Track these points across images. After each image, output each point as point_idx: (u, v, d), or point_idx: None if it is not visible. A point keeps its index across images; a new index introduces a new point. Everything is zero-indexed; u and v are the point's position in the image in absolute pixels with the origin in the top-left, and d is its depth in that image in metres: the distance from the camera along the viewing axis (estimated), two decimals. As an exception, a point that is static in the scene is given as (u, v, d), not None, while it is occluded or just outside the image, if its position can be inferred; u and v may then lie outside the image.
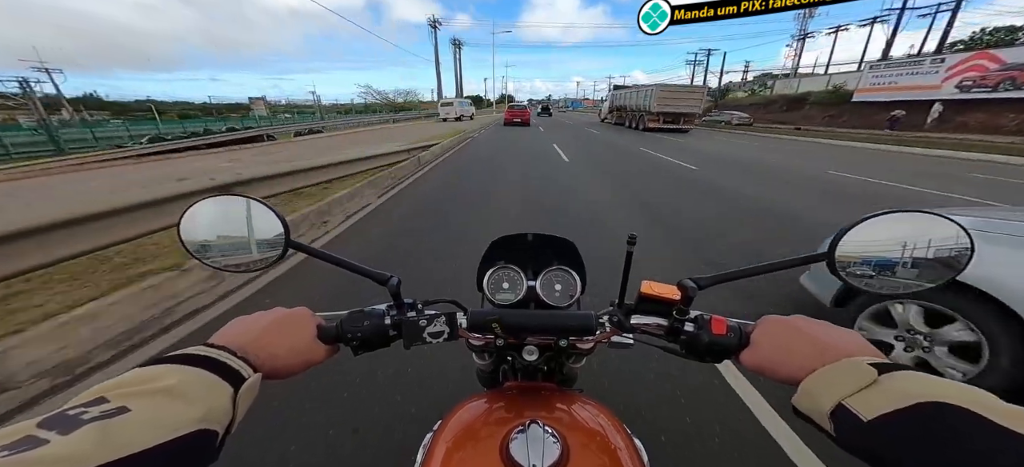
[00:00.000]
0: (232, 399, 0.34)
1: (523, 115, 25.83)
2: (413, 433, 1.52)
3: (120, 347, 2.12)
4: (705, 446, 1.52)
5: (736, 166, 9.41)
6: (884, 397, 0.30)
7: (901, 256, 0.44)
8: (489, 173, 7.81)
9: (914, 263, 0.44)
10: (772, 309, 2.33)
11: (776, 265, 0.49)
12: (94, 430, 0.25)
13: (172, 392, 0.30)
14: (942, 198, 6.33)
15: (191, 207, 0.50)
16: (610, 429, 0.58)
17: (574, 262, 0.75)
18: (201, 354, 0.36)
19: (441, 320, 0.55)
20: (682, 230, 4.37)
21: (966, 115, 22.00)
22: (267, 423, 1.57)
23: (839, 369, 0.35)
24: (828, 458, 1.44)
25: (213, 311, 2.56)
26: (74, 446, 0.24)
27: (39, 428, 0.24)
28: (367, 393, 1.75)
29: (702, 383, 1.84)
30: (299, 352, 0.47)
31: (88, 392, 0.29)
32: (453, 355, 1.93)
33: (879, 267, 0.46)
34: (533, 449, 0.48)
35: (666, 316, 0.54)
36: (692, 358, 0.53)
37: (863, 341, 0.39)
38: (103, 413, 0.26)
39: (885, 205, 3.24)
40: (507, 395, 0.68)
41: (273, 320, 0.46)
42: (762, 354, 0.45)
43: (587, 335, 0.57)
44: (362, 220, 4.73)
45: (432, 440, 0.60)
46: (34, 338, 1.91)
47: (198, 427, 0.30)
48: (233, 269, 0.54)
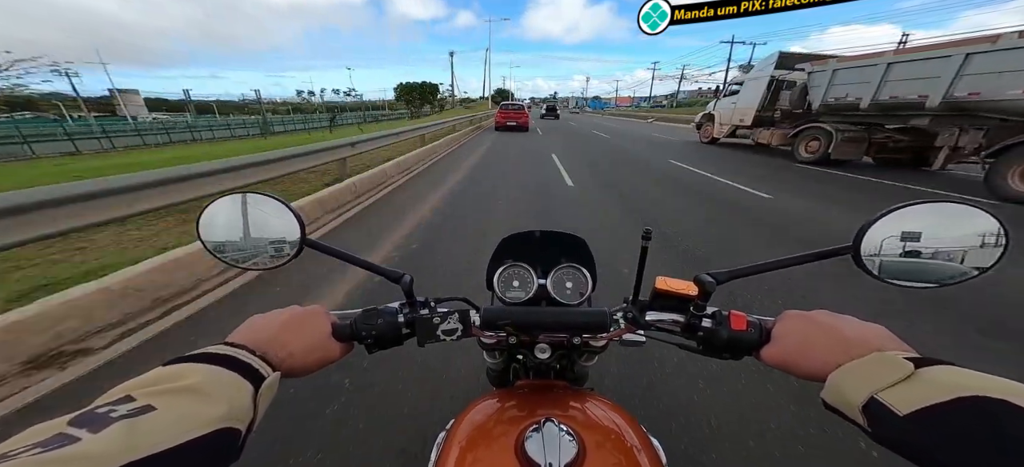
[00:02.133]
0: (253, 397, 0.35)
1: (520, 117, 19.28)
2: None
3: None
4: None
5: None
6: (922, 391, 0.30)
7: (929, 248, 0.42)
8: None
9: (943, 256, 0.42)
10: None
11: (798, 259, 0.48)
12: (122, 428, 0.25)
13: (196, 391, 0.30)
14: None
15: (209, 205, 0.51)
16: (625, 427, 0.57)
17: (584, 259, 0.75)
18: (222, 353, 0.36)
19: (454, 318, 0.54)
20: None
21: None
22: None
23: (871, 363, 0.34)
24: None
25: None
26: (104, 444, 0.24)
27: (70, 426, 0.25)
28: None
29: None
30: (315, 350, 0.47)
31: (114, 390, 0.30)
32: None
33: (906, 260, 0.44)
34: (549, 447, 0.47)
35: (682, 312, 0.54)
36: (710, 355, 0.52)
37: (891, 335, 0.38)
38: (130, 411, 0.27)
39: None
40: (520, 394, 0.68)
41: (289, 318, 0.46)
42: (784, 349, 0.44)
43: (600, 332, 0.56)
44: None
45: (446, 439, 0.60)
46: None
47: (221, 426, 0.30)
48: (251, 267, 0.54)
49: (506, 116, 19.34)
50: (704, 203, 5.47)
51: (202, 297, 2.67)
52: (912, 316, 2.45)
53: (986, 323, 2.36)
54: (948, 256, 0.42)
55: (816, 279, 2.90)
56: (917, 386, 0.30)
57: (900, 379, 0.31)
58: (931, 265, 0.43)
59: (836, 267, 2.61)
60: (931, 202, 0.42)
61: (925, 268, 0.43)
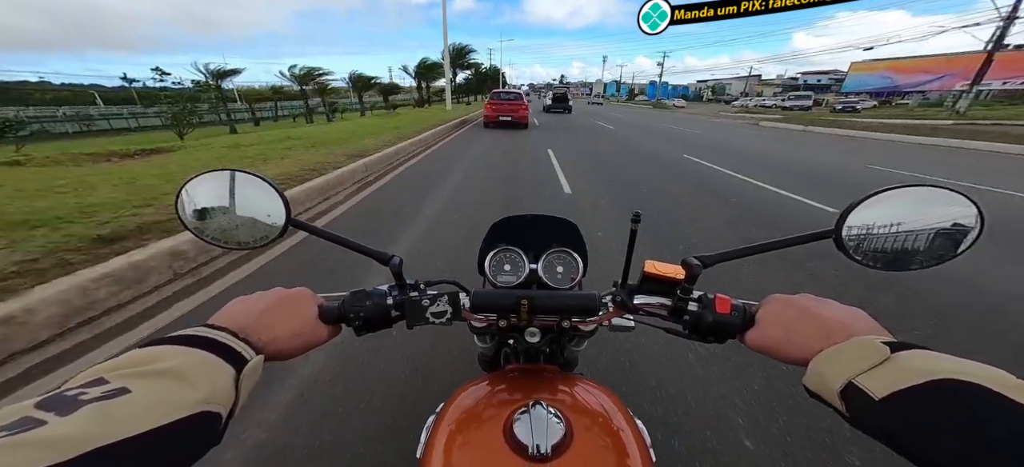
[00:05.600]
0: (235, 381, 0.34)
1: (516, 110, 14.04)
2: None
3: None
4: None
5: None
6: (896, 375, 0.30)
7: (909, 231, 0.44)
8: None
9: (922, 239, 0.43)
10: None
11: (782, 242, 0.48)
12: (94, 411, 0.24)
13: (174, 374, 0.30)
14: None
15: (189, 181, 0.50)
16: (613, 411, 0.58)
17: (576, 244, 0.75)
18: (202, 335, 0.35)
19: (444, 300, 0.54)
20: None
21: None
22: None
23: (849, 348, 0.34)
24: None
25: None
26: (73, 426, 0.23)
27: (37, 409, 0.24)
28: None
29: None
30: (301, 333, 0.46)
31: (86, 373, 0.29)
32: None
33: (887, 243, 0.45)
34: (537, 429, 0.47)
35: (670, 295, 0.54)
36: (695, 338, 0.52)
37: (872, 320, 0.39)
38: (103, 394, 0.26)
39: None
40: (509, 377, 0.68)
41: (274, 301, 0.46)
42: (767, 334, 0.44)
43: (590, 316, 0.56)
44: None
45: (434, 422, 0.60)
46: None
47: (200, 409, 0.30)
48: (234, 247, 0.53)
49: (498, 109, 14.14)
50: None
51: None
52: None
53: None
54: (926, 239, 0.43)
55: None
56: (892, 370, 0.31)
57: (876, 363, 0.31)
58: (910, 248, 0.44)
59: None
60: (910, 187, 0.43)
61: (904, 251, 0.44)
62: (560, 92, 25.79)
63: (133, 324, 2.10)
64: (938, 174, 7.21)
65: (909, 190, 0.43)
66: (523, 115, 14.10)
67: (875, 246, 0.45)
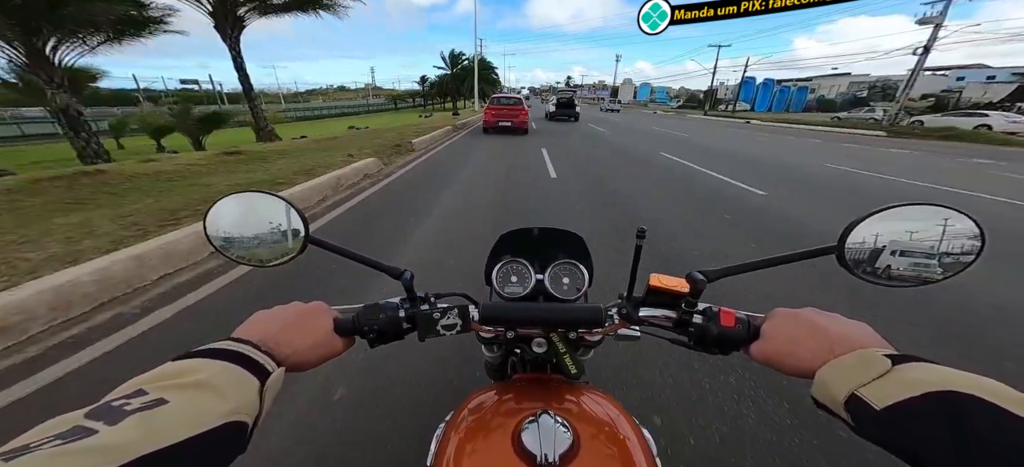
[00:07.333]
0: (259, 392, 0.35)
1: (515, 115, 14.02)
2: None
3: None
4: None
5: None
6: (896, 387, 0.31)
7: (911, 249, 0.44)
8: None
9: (924, 256, 0.44)
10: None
11: (785, 258, 0.49)
12: (138, 421, 0.26)
13: (205, 385, 0.31)
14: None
15: (216, 203, 0.52)
16: (619, 420, 0.59)
17: (581, 255, 0.76)
18: (229, 349, 0.37)
19: (454, 313, 0.55)
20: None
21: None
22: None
23: (852, 360, 0.35)
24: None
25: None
26: (121, 435, 0.25)
27: (87, 419, 0.26)
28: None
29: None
30: (318, 345, 0.48)
31: (126, 385, 0.30)
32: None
33: (889, 260, 0.45)
34: (545, 439, 0.48)
35: (674, 308, 0.55)
36: (700, 350, 0.53)
37: (874, 333, 0.40)
38: (144, 405, 0.28)
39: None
40: (517, 387, 0.69)
41: (292, 314, 0.47)
42: (772, 346, 0.45)
43: (596, 327, 0.58)
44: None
45: (444, 431, 0.61)
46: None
47: (230, 419, 0.31)
48: (256, 264, 0.55)
49: (498, 114, 14.12)
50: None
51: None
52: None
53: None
54: (928, 256, 0.44)
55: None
56: (892, 382, 0.32)
57: (878, 375, 0.32)
58: (912, 265, 0.45)
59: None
60: (913, 205, 0.43)
61: (906, 268, 0.45)
62: (566, 97, 23.06)
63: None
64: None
65: (911, 208, 0.43)
66: (523, 120, 14.07)
67: (877, 263, 0.46)
